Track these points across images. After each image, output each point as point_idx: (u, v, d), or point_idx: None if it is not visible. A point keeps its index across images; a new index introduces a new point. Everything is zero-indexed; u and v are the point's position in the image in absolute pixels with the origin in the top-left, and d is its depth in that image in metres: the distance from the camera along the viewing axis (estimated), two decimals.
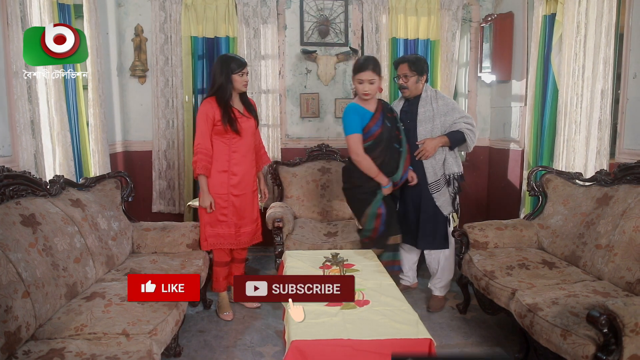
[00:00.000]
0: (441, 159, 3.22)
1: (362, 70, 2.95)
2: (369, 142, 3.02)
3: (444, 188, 3.24)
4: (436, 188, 3.23)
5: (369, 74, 2.94)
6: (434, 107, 3.20)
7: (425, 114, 3.21)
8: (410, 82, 3.20)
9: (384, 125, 3.04)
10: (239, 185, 3.15)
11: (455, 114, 3.21)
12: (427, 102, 3.23)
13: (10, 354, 1.83)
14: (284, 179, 4.32)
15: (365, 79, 2.95)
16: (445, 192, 3.25)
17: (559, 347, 2.09)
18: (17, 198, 2.36)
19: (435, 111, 3.19)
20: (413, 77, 3.19)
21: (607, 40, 3.13)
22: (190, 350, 2.79)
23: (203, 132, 3.04)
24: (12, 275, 1.96)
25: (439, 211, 3.25)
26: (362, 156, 2.99)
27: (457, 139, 3.19)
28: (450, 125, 3.20)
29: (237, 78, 3.05)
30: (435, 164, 3.21)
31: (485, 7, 4.77)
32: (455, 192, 3.29)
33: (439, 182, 3.23)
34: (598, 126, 3.22)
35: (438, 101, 3.22)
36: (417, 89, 3.24)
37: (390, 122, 3.08)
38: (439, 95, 3.28)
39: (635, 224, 2.51)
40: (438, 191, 3.23)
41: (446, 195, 3.25)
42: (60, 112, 3.11)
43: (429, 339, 1.86)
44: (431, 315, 3.26)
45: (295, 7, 4.54)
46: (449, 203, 3.27)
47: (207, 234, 3.14)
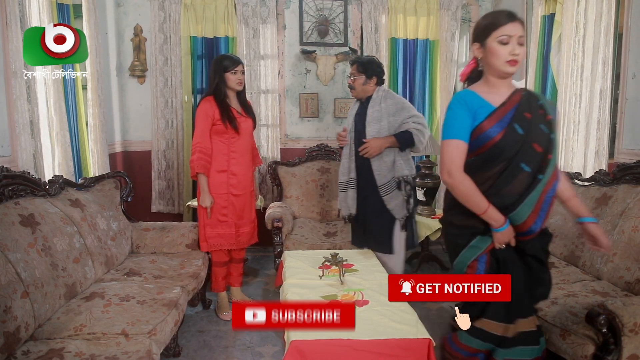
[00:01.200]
0: (390, 161, 3.08)
1: (506, 24, 1.75)
2: (476, 157, 1.81)
3: (395, 191, 3.09)
4: (386, 191, 3.09)
5: (516, 27, 1.76)
6: (382, 107, 3.09)
7: (373, 114, 3.10)
8: (356, 83, 3.12)
9: (509, 130, 1.76)
10: (239, 185, 3.15)
11: (404, 114, 3.08)
12: (377, 102, 3.12)
13: (9, 354, 1.83)
14: (283, 179, 4.32)
15: (513, 34, 1.75)
16: (397, 195, 3.10)
17: (558, 346, 2.09)
18: (16, 198, 2.35)
19: (384, 111, 3.08)
20: (360, 79, 3.10)
21: (606, 40, 3.14)
22: (189, 350, 2.79)
23: (203, 130, 3.02)
24: (11, 275, 1.96)
25: (388, 215, 3.11)
26: (459, 177, 1.78)
27: (405, 140, 3.04)
28: (399, 125, 3.07)
29: (230, 76, 3.03)
30: (382, 166, 3.08)
31: (484, 7, 4.77)
32: (408, 196, 3.12)
33: (389, 185, 3.09)
34: (597, 126, 3.22)
35: (387, 101, 3.11)
36: (364, 90, 3.13)
37: (526, 126, 1.77)
38: (389, 95, 3.16)
39: (634, 224, 2.51)
40: (388, 194, 3.09)
41: (399, 199, 3.11)
42: (60, 112, 3.10)
43: (428, 339, 1.86)
44: (430, 316, 3.26)
45: (295, 7, 4.54)
46: (402, 207, 3.12)
47: (208, 234, 3.13)
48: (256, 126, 3.28)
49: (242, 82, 3.08)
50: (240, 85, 3.08)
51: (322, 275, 2.48)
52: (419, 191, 4.14)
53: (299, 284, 2.39)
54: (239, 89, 3.10)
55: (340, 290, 2.30)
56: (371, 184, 3.11)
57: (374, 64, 3.12)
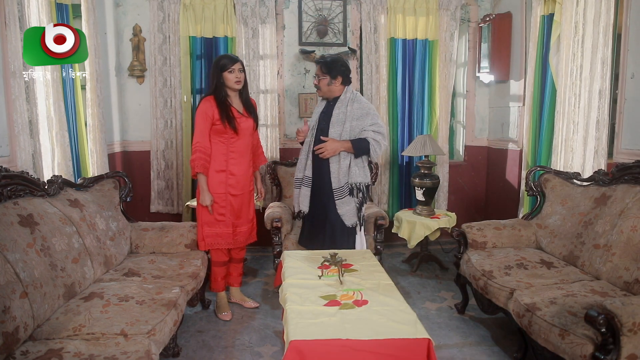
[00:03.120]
0: (346, 165, 3.08)
1: None
2: None
3: (347, 197, 3.10)
4: (339, 195, 3.10)
5: None
6: (348, 110, 3.09)
7: (338, 116, 3.10)
8: (321, 84, 3.13)
9: None
10: (237, 185, 3.15)
11: (367, 120, 3.08)
12: (343, 104, 3.12)
13: (8, 354, 1.83)
14: (282, 178, 4.32)
15: None
16: (349, 201, 3.11)
17: (557, 346, 2.10)
18: (15, 198, 2.35)
19: (348, 114, 3.08)
20: (324, 79, 3.10)
21: (605, 41, 3.14)
22: (188, 350, 2.79)
23: (202, 130, 3.02)
24: (10, 275, 1.95)
25: (338, 219, 3.11)
26: None
27: (360, 148, 3.05)
28: (359, 131, 3.08)
29: (228, 75, 3.03)
30: (339, 170, 3.08)
31: (483, 7, 4.77)
32: (360, 203, 3.14)
33: (343, 190, 3.10)
34: (596, 126, 3.23)
35: (353, 104, 3.10)
36: (330, 90, 3.13)
37: None
38: (357, 99, 3.14)
39: (633, 224, 2.51)
40: (341, 199, 3.10)
41: (350, 205, 3.11)
42: (59, 112, 3.10)
43: (427, 339, 1.86)
44: (430, 315, 3.26)
45: (294, 7, 4.54)
46: (353, 214, 3.12)
47: (205, 233, 3.14)
48: (258, 126, 3.28)
49: (241, 80, 3.07)
50: (239, 84, 3.07)
51: (321, 275, 2.48)
52: (419, 191, 4.14)
53: (298, 284, 2.39)
54: (238, 88, 3.09)
55: (340, 290, 2.30)
56: (327, 185, 3.11)
57: (338, 63, 3.10)
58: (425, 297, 3.59)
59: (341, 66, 3.11)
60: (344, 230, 3.14)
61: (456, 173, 4.93)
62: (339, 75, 3.10)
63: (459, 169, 4.96)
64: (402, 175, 4.77)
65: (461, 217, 4.49)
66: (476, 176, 4.99)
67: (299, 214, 3.28)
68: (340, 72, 3.10)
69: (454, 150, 5.14)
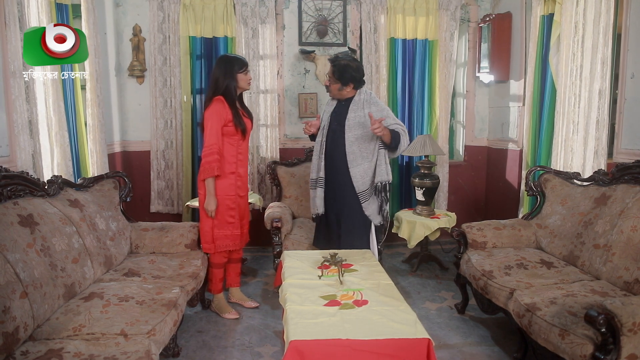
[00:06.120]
0: (371, 167, 3.08)
1: None
2: None
3: (372, 197, 3.10)
4: (364, 198, 3.09)
5: None
6: (367, 114, 3.03)
7: (355, 119, 3.06)
8: (332, 88, 3.12)
9: None
10: (243, 187, 3.17)
11: (389, 120, 3.07)
12: (359, 106, 3.08)
13: (8, 354, 1.83)
14: (282, 179, 4.32)
15: None
16: (373, 200, 3.11)
17: (557, 346, 2.10)
18: (14, 198, 2.35)
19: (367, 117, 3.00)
20: (336, 85, 3.09)
21: (604, 41, 3.14)
22: (188, 350, 2.79)
23: (217, 131, 2.95)
24: (10, 275, 1.95)
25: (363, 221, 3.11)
26: None
27: (395, 138, 3.04)
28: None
29: (242, 77, 3.04)
30: (364, 173, 3.07)
31: (483, 7, 4.77)
32: (382, 201, 3.13)
33: (366, 193, 3.09)
34: (596, 126, 3.23)
35: (371, 107, 3.07)
36: (341, 94, 3.12)
37: None
38: (373, 101, 3.12)
39: (633, 224, 2.51)
40: (366, 200, 3.09)
41: (375, 204, 3.12)
42: (59, 112, 3.10)
43: (427, 339, 1.86)
44: (430, 315, 3.26)
45: (294, 7, 4.54)
46: (377, 212, 3.13)
47: (216, 236, 3.09)
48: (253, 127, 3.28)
49: (251, 81, 3.14)
50: (249, 85, 3.13)
51: (321, 275, 2.48)
52: (419, 191, 4.14)
53: (298, 284, 2.39)
54: (248, 89, 3.16)
55: (340, 290, 2.30)
56: (342, 185, 3.09)
57: (349, 71, 3.05)
58: (425, 297, 3.59)
59: (353, 72, 3.06)
60: (360, 229, 3.13)
61: (456, 173, 4.93)
62: (350, 82, 3.08)
63: (458, 169, 4.96)
64: (402, 175, 4.77)
65: (461, 217, 4.48)
66: (476, 176, 4.99)
67: (316, 216, 3.25)
68: (351, 79, 3.07)
69: (454, 150, 5.14)
